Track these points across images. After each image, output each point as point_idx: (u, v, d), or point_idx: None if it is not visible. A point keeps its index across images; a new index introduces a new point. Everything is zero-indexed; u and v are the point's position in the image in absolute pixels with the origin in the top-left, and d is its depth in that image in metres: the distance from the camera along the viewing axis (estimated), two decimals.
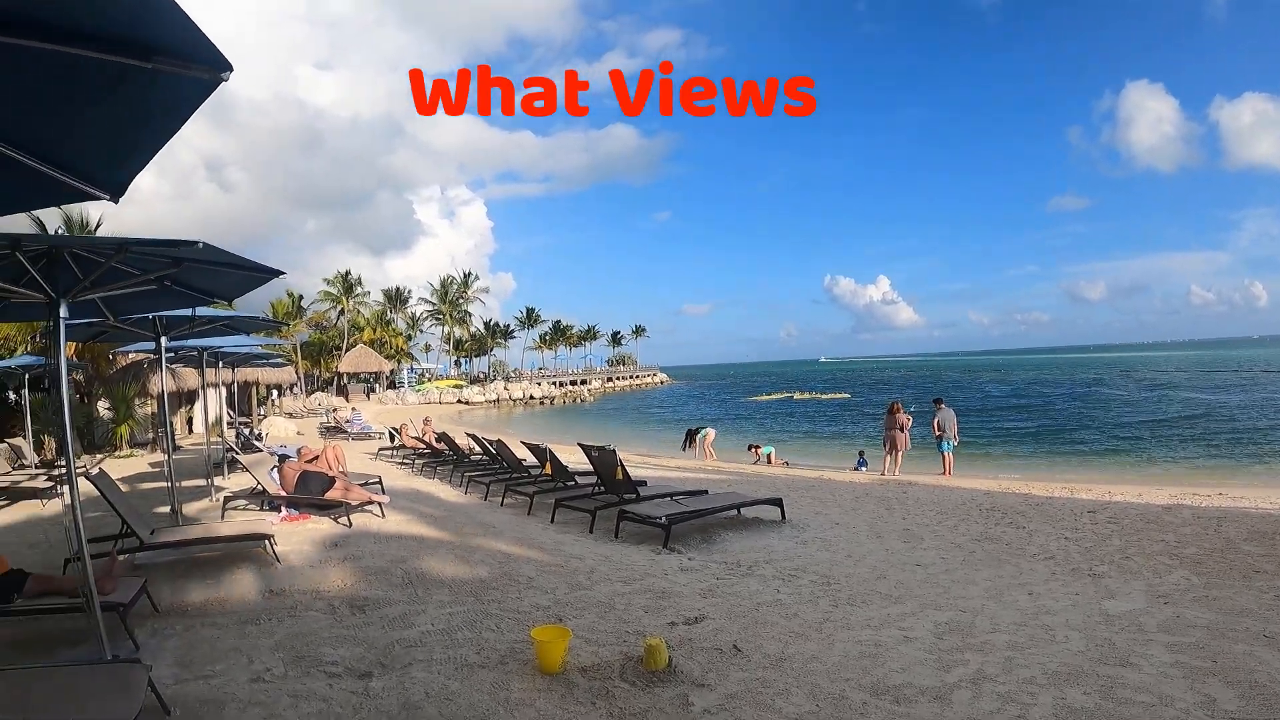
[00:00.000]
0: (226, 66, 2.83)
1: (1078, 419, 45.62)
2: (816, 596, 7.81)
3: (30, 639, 6.54)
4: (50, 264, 5.56)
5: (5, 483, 16.12)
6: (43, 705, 4.35)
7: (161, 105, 3.19)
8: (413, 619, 6.85)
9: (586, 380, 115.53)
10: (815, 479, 19.22)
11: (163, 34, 2.68)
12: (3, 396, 28.35)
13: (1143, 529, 10.64)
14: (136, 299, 7.23)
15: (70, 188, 3.81)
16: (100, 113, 3.29)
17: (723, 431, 37.76)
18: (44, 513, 13.64)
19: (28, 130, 3.50)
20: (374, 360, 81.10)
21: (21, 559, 8.02)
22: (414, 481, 17.72)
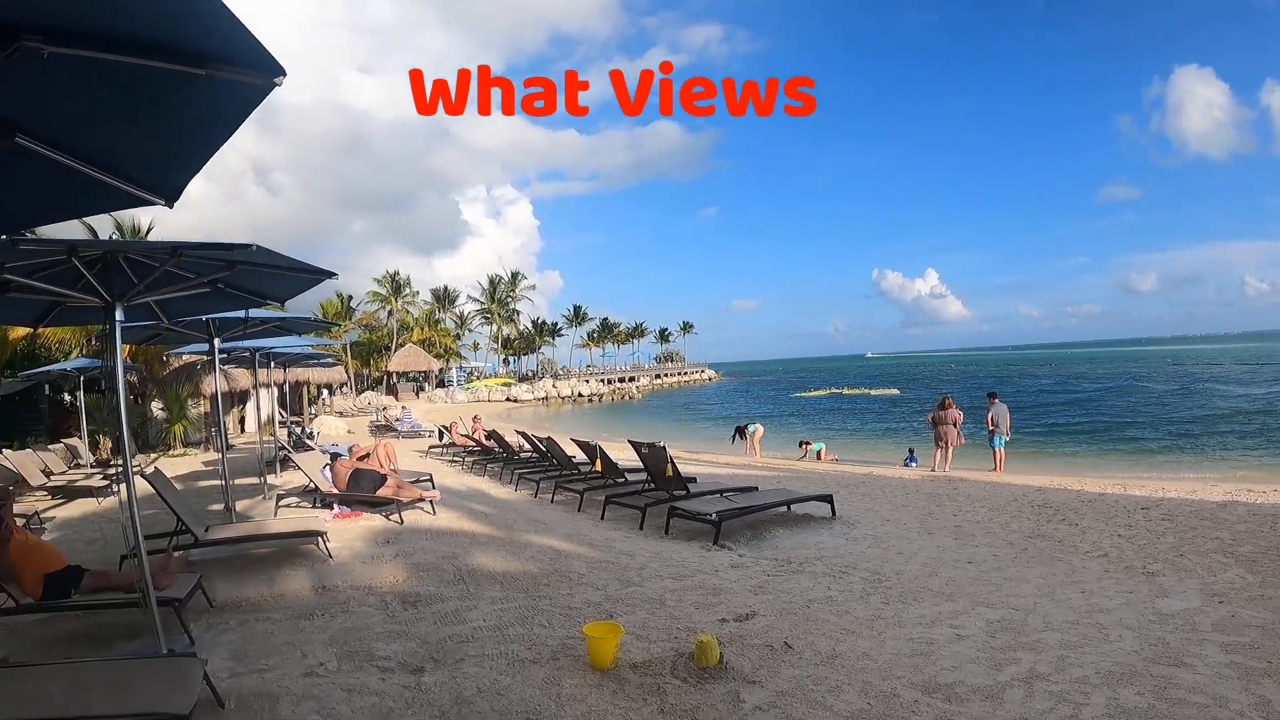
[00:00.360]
0: (279, 71, 2.87)
1: (1130, 414, 45.00)
2: (867, 593, 7.78)
3: (88, 633, 6.66)
4: (105, 268, 5.64)
5: (62, 481, 16.46)
6: (101, 698, 4.43)
7: (216, 111, 3.24)
8: (464, 615, 6.90)
9: (634, 377, 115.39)
10: (865, 475, 19.13)
11: (217, 41, 2.72)
12: (59, 398, 28.82)
13: (1197, 526, 10.50)
14: (190, 301, 7.30)
15: (126, 194, 3.86)
16: (156, 119, 3.33)
17: (771, 428, 37.66)
18: (99, 510, 13.86)
19: (85, 138, 3.55)
20: (423, 359, 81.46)
21: (78, 555, 8.16)
22: (464, 479, 17.83)
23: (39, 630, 6.72)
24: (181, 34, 2.71)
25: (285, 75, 2.88)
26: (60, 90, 3.09)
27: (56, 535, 11.44)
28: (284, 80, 2.90)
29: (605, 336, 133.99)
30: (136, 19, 2.67)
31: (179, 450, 26.29)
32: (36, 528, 11.58)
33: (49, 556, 6.66)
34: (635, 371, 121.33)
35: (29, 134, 3.37)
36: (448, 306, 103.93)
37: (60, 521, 12.84)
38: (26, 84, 3.02)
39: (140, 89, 3.08)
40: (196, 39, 2.73)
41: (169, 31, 2.71)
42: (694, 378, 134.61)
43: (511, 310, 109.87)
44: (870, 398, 75.67)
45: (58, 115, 3.37)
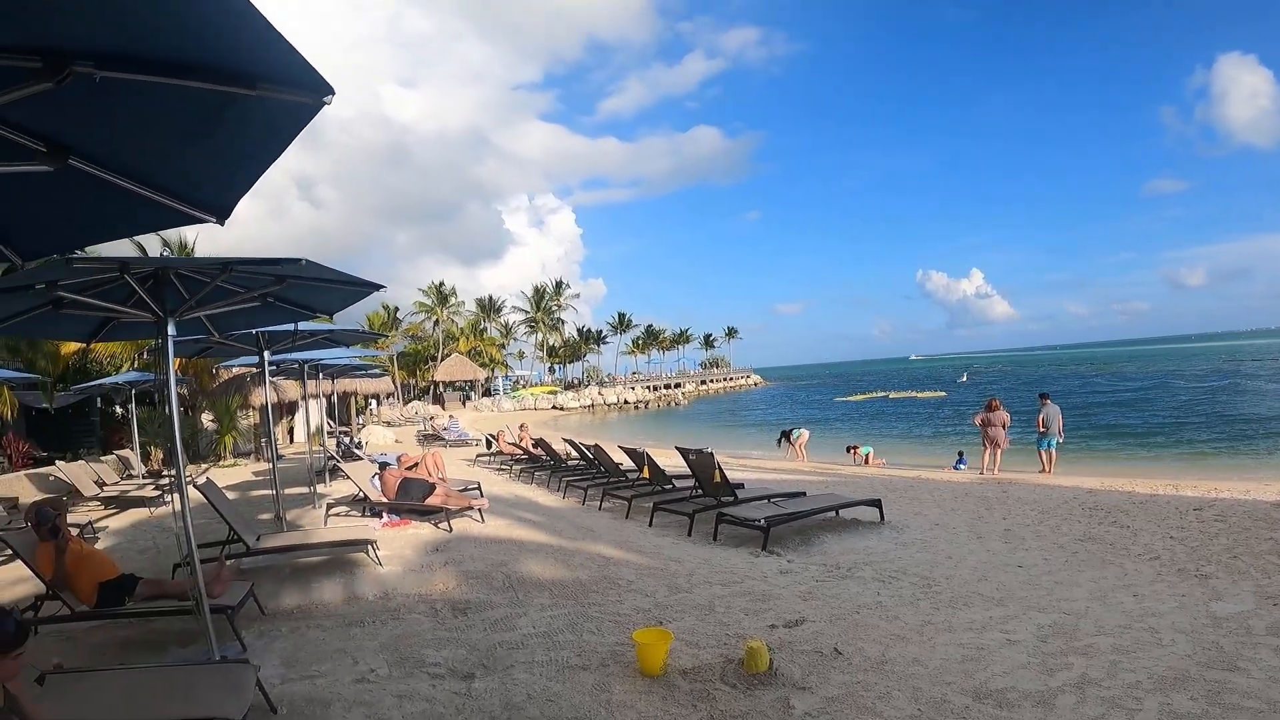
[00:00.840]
0: (328, 90, 2.91)
1: (1181, 412, 44.21)
2: (917, 599, 7.75)
3: (142, 640, 6.77)
4: (157, 284, 5.74)
5: (115, 492, 16.74)
6: (155, 703, 4.51)
7: (266, 130, 3.30)
8: (514, 621, 6.94)
9: (680, 383, 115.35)
10: (913, 479, 19.00)
11: (267, 62, 2.76)
12: (110, 411, 29.29)
13: (1250, 527, 10.32)
14: (240, 315, 7.39)
15: (179, 212, 3.94)
16: (207, 139, 3.39)
17: (818, 433, 37.52)
18: (151, 519, 14.08)
19: (137, 158, 3.62)
20: (469, 368, 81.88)
21: (131, 564, 8.27)
22: (512, 487, 17.90)
23: (94, 636, 6.84)
24: (232, 56, 2.76)
25: (334, 94, 2.92)
26: (112, 112, 3.15)
27: (109, 544, 11.63)
28: (333, 99, 2.94)
29: (650, 343, 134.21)
30: (188, 43, 2.72)
31: (229, 461, 26.67)
32: (90, 536, 11.78)
33: (103, 565, 6.78)
34: (680, 378, 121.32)
35: (82, 155, 3.44)
36: (493, 316, 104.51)
37: (113, 530, 13.06)
38: (79, 107, 3.09)
39: (192, 109, 3.14)
40: (247, 60, 2.78)
41: (220, 54, 2.76)
42: (739, 383, 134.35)
43: (556, 318, 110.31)
44: (917, 400, 75.06)
45: (110, 136, 3.44)
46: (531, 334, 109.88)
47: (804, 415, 60.07)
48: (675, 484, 14.14)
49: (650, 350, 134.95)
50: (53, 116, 3.19)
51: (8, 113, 3.11)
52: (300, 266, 5.21)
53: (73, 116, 3.22)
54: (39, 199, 4.03)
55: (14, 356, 24.25)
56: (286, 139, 3.37)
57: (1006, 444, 20.03)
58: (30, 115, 3.18)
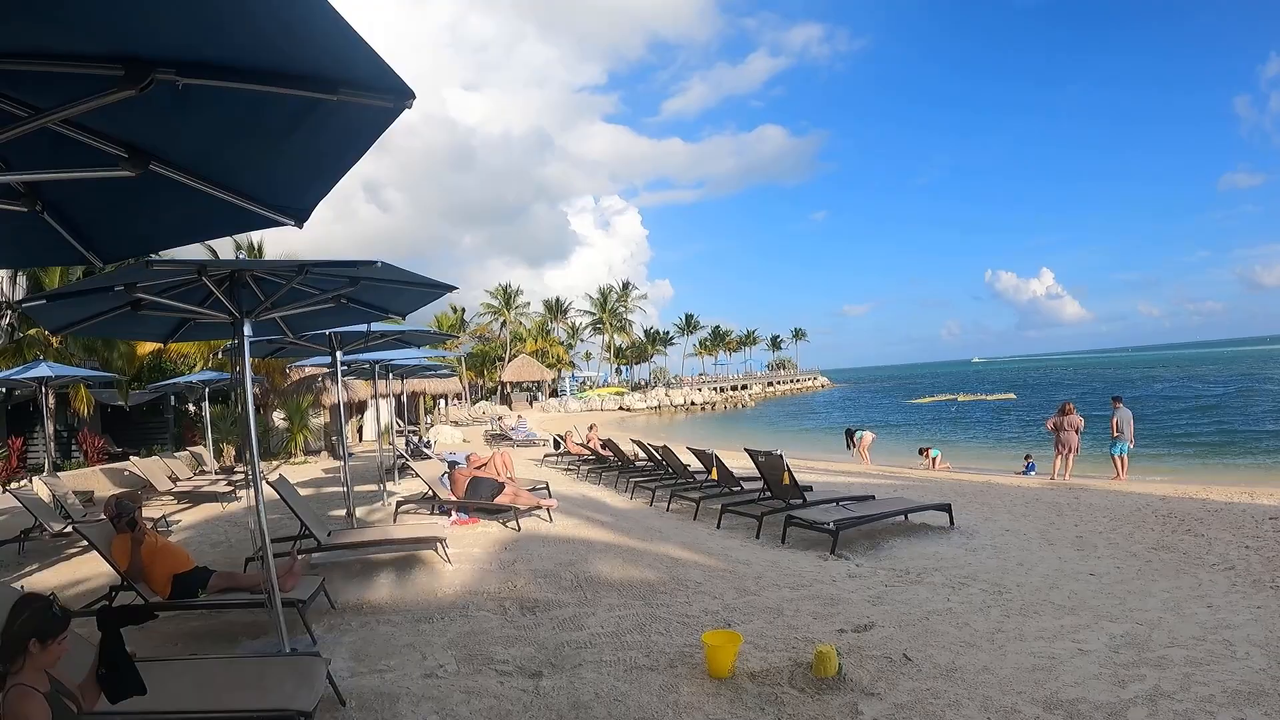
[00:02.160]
0: (409, 94, 2.92)
1: (1256, 417, 43.24)
2: (987, 606, 7.67)
3: (215, 631, 6.92)
4: (233, 286, 5.86)
5: (188, 487, 17.22)
6: (227, 693, 4.60)
7: (345, 134, 3.33)
8: (582, 621, 6.97)
9: (747, 385, 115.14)
10: (983, 483, 18.79)
11: (349, 67, 2.78)
12: (184, 408, 29.91)
13: None
14: (314, 316, 7.50)
15: (258, 216, 4.00)
16: (287, 144, 3.41)
17: (886, 435, 37.30)
18: (223, 514, 14.39)
19: (217, 163, 3.68)
20: (536, 369, 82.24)
21: (204, 556, 8.45)
22: (579, 487, 17.99)
23: (166, 627, 6.99)
24: (314, 61, 2.78)
25: (415, 98, 2.94)
26: (193, 118, 3.20)
27: (183, 537, 11.89)
28: (414, 102, 2.96)
29: (717, 344, 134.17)
30: (270, 49, 2.76)
31: (299, 458, 27.12)
32: (164, 530, 12.05)
33: (178, 558, 6.93)
34: (747, 379, 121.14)
35: (162, 161, 3.51)
36: (559, 317, 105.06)
37: (186, 524, 13.36)
38: (160, 113, 3.14)
39: (272, 115, 3.19)
40: (329, 65, 2.80)
41: (302, 59, 2.79)
42: (806, 385, 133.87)
43: (624, 320, 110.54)
44: (986, 404, 74.23)
45: (190, 142, 3.50)
46: (598, 335, 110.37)
47: (873, 418, 59.58)
48: (744, 486, 14.10)
49: (717, 352, 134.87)
50: (133, 122, 3.25)
51: (89, 119, 3.19)
52: (375, 269, 5.29)
53: (153, 122, 3.28)
54: (119, 203, 4.11)
55: (90, 355, 24.90)
56: (367, 143, 3.40)
57: (1079, 449, 19.76)
58: (111, 121, 3.24)
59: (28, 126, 2.94)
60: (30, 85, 2.95)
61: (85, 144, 3.29)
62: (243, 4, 2.47)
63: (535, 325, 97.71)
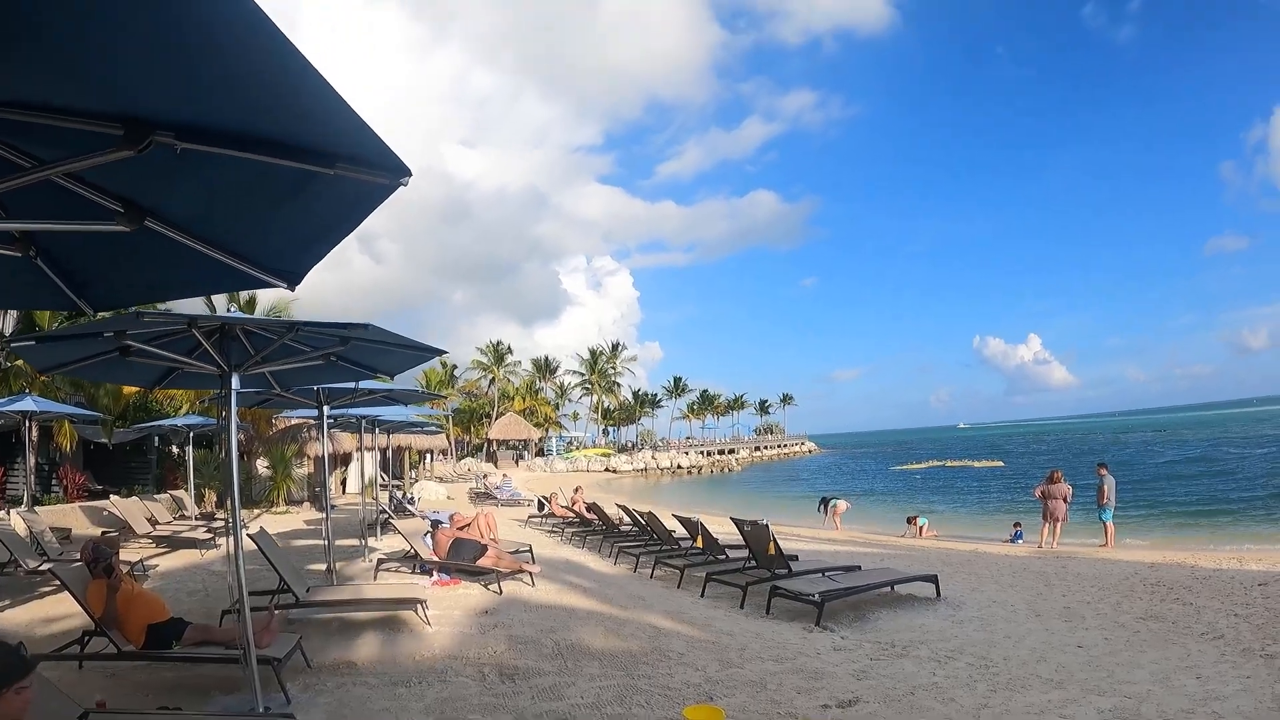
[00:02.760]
0: (405, 172, 2.98)
1: (1244, 481, 43.24)
2: (974, 680, 7.61)
3: (188, 684, 6.79)
4: (223, 338, 5.87)
5: (167, 531, 17.22)
6: None
7: (341, 207, 3.39)
8: (562, 690, 6.87)
9: (734, 449, 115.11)
10: (970, 552, 18.84)
11: (347, 143, 2.83)
12: (167, 450, 29.82)
13: None
14: (303, 371, 7.51)
15: (250, 277, 4.02)
16: (283, 211, 3.47)
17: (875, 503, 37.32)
18: (202, 562, 14.27)
19: (212, 224, 3.71)
20: (523, 428, 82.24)
21: (180, 606, 8.36)
22: (563, 550, 17.93)
23: (138, 676, 6.87)
24: (312, 135, 2.83)
25: (411, 175, 2.99)
26: (190, 179, 3.23)
27: (159, 584, 11.80)
28: (409, 180, 3.01)
29: (705, 408, 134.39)
30: (270, 121, 2.80)
31: (281, 508, 27.03)
32: (140, 575, 11.93)
33: (154, 607, 6.87)
34: (735, 443, 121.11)
35: (158, 218, 3.52)
36: (548, 376, 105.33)
37: (163, 571, 13.25)
38: (158, 172, 3.16)
39: (269, 183, 3.22)
40: (326, 140, 2.85)
41: (300, 133, 2.83)
42: (793, 450, 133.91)
43: (612, 381, 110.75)
44: (974, 470, 74.24)
45: (187, 201, 3.53)
46: (586, 395, 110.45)
47: (861, 486, 59.54)
48: (729, 554, 14.06)
49: (705, 415, 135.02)
50: (131, 178, 3.26)
51: (87, 172, 3.20)
52: (366, 331, 5.29)
53: (151, 180, 3.30)
54: (113, 254, 4.12)
55: (77, 390, 25.02)
56: (361, 216, 3.46)
57: (1067, 518, 19.77)
58: (109, 176, 3.25)
59: (28, 178, 2.98)
60: (31, 136, 2.96)
61: (82, 196, 3.30)
62: (243, 75, 2.50)
63: (524, 384, 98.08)
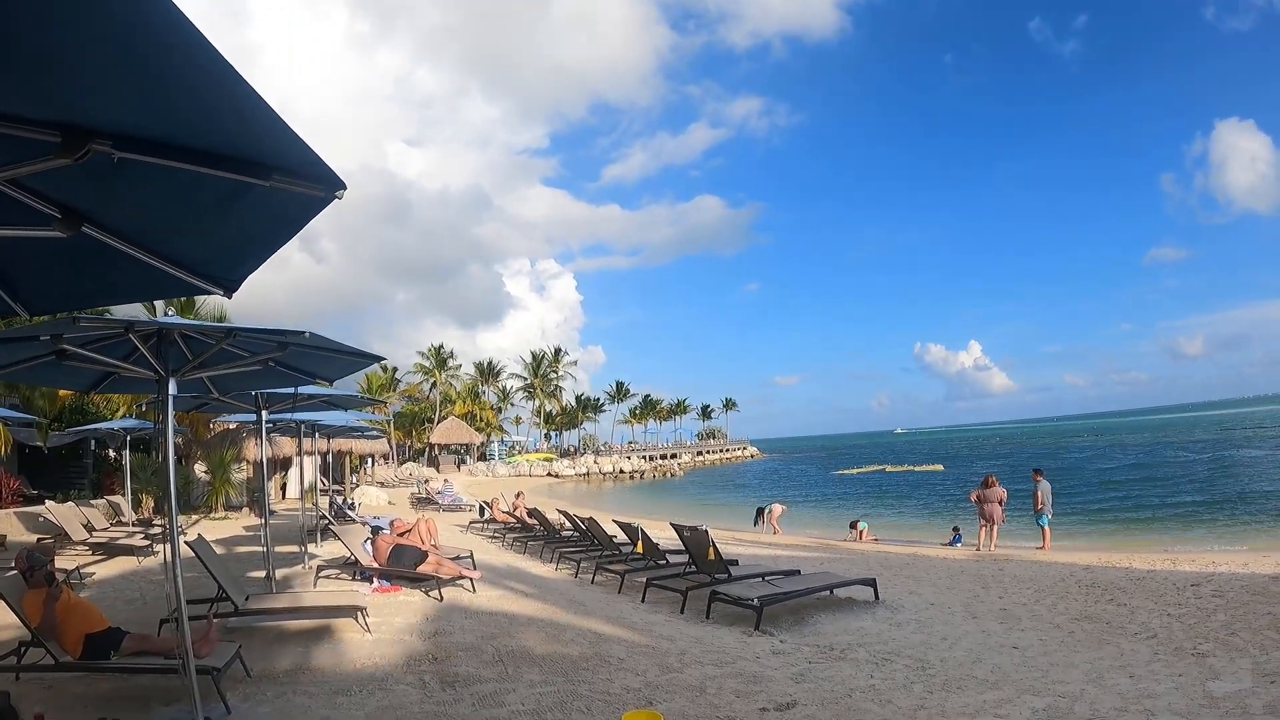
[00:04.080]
0: (340, 185, 3.01)
1: (1178, 484, 44.00)
2: (910, 682, 7.69)
3: (126, 694, 6.69)
4: (160, 343, 5.81)
5: (104, 538, 16.88)
6: None
7: (278, 217, 3.41)
8: (502, 697, 6.85)
9: (676, 454, 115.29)
10: (909, 555, 19.01)
11: (282, 157, 2.84)
12: (104, 454, 29.27)
13: (1248, 602, 10.35)
14: (241, 376, 7.45)
15: (186, 284, 4.01)
16: (220, 220, 3.48)
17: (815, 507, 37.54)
18: (139, 569, 14.04)
19: (150, 231, 3.71)
20: (465, 432, 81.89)
21: (117, 614, 8.21)
22: (504, 556, 17.86)
23: (75, 687, 6.75)
24: (248, 148, 2.85)
25: (345, 189, 3.02)
26: (129, 187, 3.23)
27: (96, 592, 11.59)
28: (344, 193, 3.03)
29: (647, 413, 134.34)
30: (206, 132, 2.81)
31: (220, 513, 26.62)
32: (77, 583, 11.71)
33: (91, 617, 6.76)
34: (677, 448, 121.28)
35: (96, 224, 3.51)
36: (490, 380, 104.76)
37: (100, 579, 13.02)
38: (96, 179, 3.15)
39: (206, 193, 3.23)
40: (262, 153, 2.86)
41: (236, 145, 2.85)
42: (735, 454, 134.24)
43: (554, 386, 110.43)
44: (914, 474, 74.88)
45: (125, 209, 3.52)
46: (529, 400, 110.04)
47: (802, 491, 59.68)
48: (669, 559, 14.10)
49: (647, 420, 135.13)
50: (69, 185, 3.25)
51: (26, 178, 3.17)
52: (303, 338, 5.27)
53: (89, 187, 3.29)
54: (50, 259, 4.10)
55: (11, 392, 24.47)
56: (297, 226, 3.48)
57: (1003, 520, 20.03)
58: (48, 182, 3.24)
59: None
60: None
61: (19, 200, 3.28)
62: (181, 87, 2.51)
63: (466, 388, 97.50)
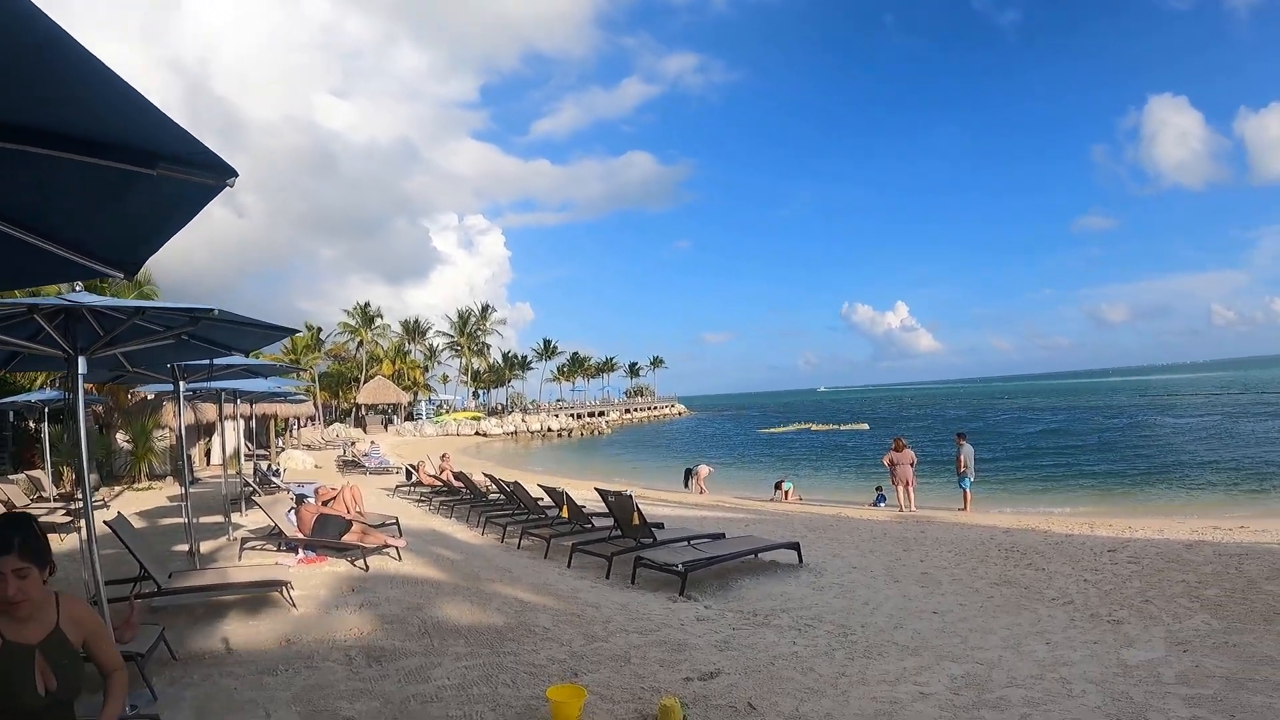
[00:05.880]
0: (231, 173, 2.96)
1: (1097, 448, 44.90)
2: (832, 649, 7.75)
3: None
4: (68, 321, 5.65)
5: None
6: None
7: (171, 203, 3.34)
8: (428, 672, 6.81)
9: (604, 412, 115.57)
10: (834, 517, 19.17)
11: (168, 145, 2.78)
12: (24, 426, 28.59)
13: (1163, 569, 10.58)
14: (156, 350, 7.30)
15: (85, 268, 3.90)
16: (113, 207, 3.40)
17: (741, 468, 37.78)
18: (61, 547, 13.68)
19: (44, 218, 3.61)
20: (392, 392, 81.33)
21: None
22: (431, 521, 17.77)
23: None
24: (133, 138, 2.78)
25: (237, 176, 2.98)
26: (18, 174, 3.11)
27: None
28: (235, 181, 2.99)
29: (575, 370, 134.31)
30: (88, 123, 2.74)
31: (144, 484, 26.07)
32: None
33: None
34: (605, 406, 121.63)
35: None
36: (417, 338, 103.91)
37: None
38: None
39: (95, 181, 3.14)
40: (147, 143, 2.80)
41: (120, 135, 2.78)
42: (663, 412, 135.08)
43: (481, 344, 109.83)
44: (840, 433, 75.61)
45: (16, 196, 3.42)
46: (456, 358, 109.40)
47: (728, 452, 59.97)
48: (594, 523, 14.09)
49: (575, 378, 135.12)
50: None
51: None
52: (212, 315, 5.16)
53: None
54: None
55: None
56: (192, 212, 3.42)
57: (915, 482, 20.38)
58: None
59: None
60: None
61: None
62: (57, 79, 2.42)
63: (392, 346, 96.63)
